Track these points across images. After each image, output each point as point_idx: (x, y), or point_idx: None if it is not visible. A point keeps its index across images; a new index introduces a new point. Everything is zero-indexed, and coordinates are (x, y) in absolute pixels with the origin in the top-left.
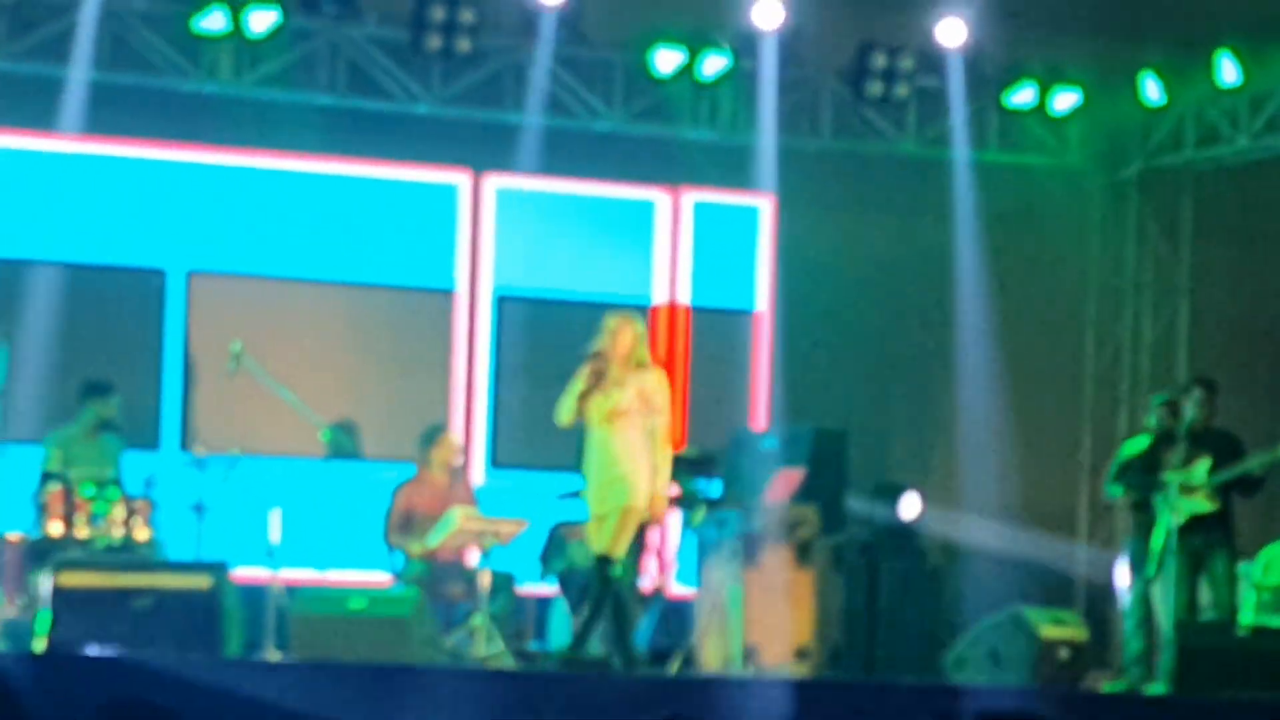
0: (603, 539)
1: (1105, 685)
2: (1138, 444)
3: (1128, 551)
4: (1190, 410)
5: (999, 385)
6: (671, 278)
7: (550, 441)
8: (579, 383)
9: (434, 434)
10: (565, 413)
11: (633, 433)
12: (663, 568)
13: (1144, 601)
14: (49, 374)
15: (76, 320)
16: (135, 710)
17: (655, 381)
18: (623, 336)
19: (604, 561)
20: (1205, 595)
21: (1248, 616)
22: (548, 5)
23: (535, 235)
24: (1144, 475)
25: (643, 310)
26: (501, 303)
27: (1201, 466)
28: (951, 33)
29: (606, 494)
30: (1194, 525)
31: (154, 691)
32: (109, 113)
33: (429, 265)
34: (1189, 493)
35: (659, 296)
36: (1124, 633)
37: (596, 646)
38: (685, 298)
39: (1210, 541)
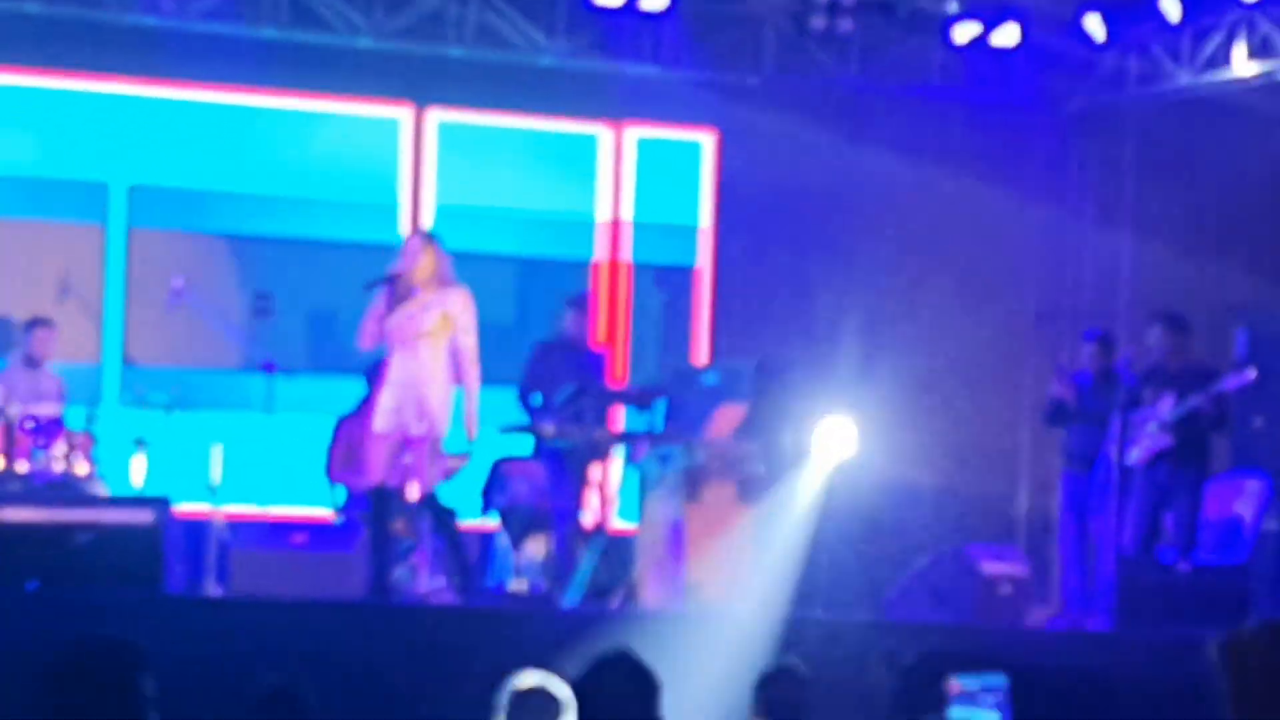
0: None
1: (1046, 621)
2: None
3: (1064, 487)
4: (1154, 346)
5: (942, 319)
6: (614, 212)
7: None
8: (378, 305)
9: (376, 369)
10: (366, 336)
11: (438, 354)
12: (604, 503)
13: (1081, 536)
14: None
15: (21, 251)
16: (96, 646)
17: (462, 301)
18: (423, 257)
19: (432, 498)
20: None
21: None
22: None
23: (478, 168)
24: (1084, 412)
25: (587, 239)
26: (442, 215)
27: (1166, 402)
28: None
29: (410, 420)
30: (1160, 460)
31: (98, 627)
32: (52, 46)
33: (372, 195)
34: (1149, 428)
35: (601, 229)
36: (1060, 568)
37: (539, 580)
38: (628, 230)
39: (1176, 478)
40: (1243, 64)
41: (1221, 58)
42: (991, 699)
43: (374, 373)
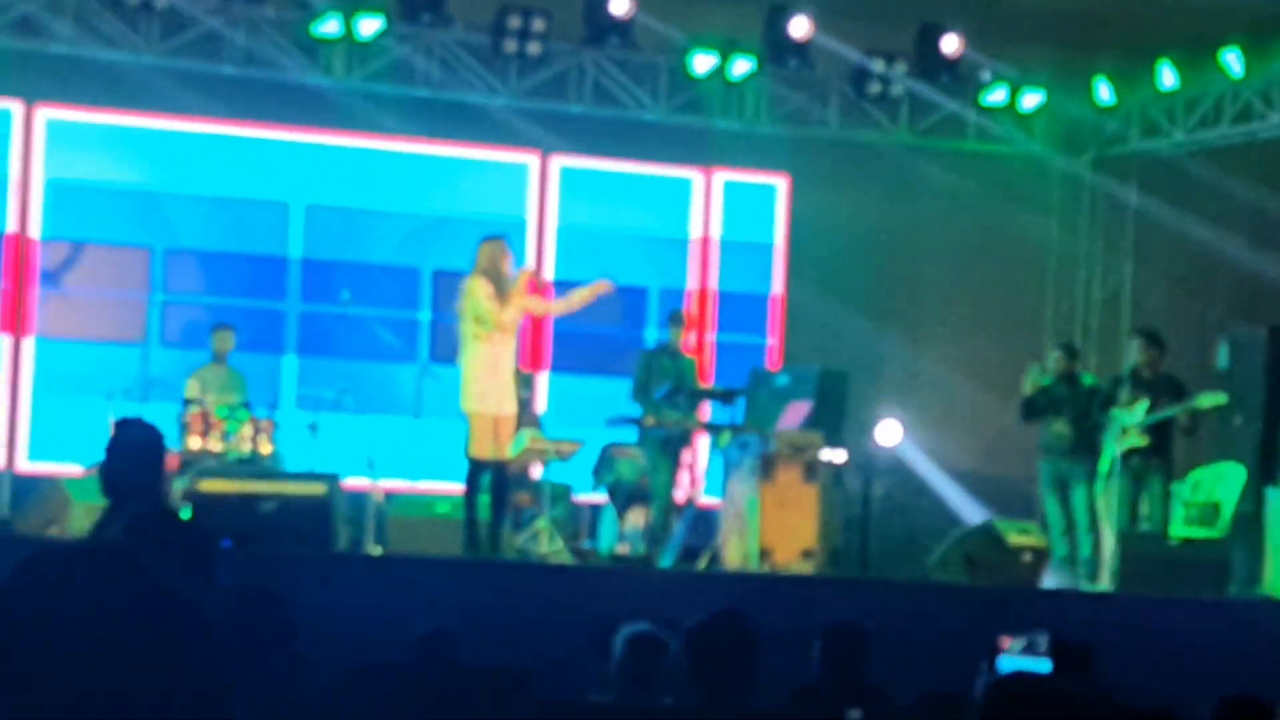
0: (505, 446)
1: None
2: (1043, 382)
3: (1042, 473)
4: (1132, 357)
5: (974, 335)
6: (704, 242)
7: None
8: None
9: None
10: (492, 317)
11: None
12: (694, 481)
13: (1064, 513)
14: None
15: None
16: (253, 593)
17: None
18: (510, 257)
19: (503, 467)
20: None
21: (1178, 529)
22: (615, 15)
23: (593, 203)
24: (1052, 409)
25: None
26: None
27: (1140, 407)
28: (944, 44)
29: (506, 402)
30: (1134, 453)
31: (274, 579)
32: (245, 102)
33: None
34: (1125, 430)
35: (694, 261)
36: (1050, 540)
37: (640, 545)
38: (716, 260)
39: (1148, 466)
40: (1227, 125)
41: (1210, 119)
42: (1039, 652)
43: None
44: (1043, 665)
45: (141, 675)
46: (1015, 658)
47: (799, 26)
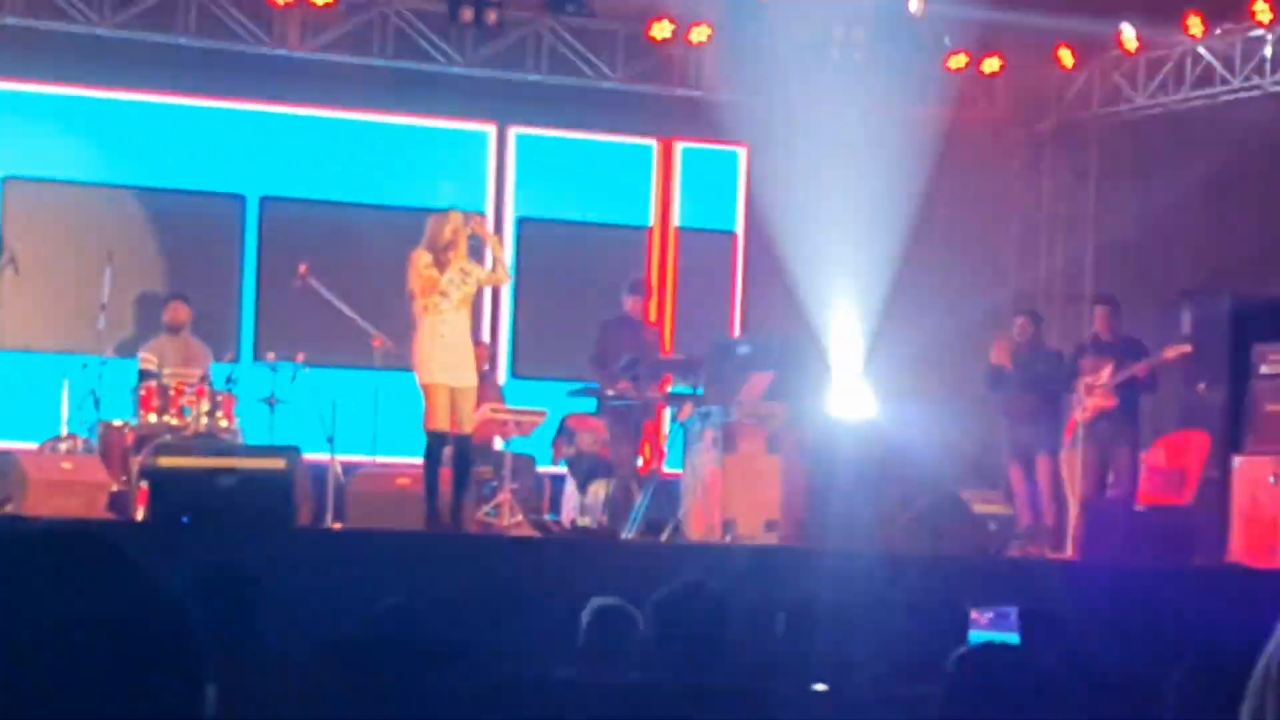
0: (466, 418)
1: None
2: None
3: (1007, 440)
4: (1093, 323)
5: (938, 301)
6: (664, 211)
7: (564, 352)
8: (436, 263)
9: None
10: (432, 284)
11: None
12: (655, 453)
13: (1029, 481)
14: (149, 285)
15: (171, 240)
16: (221, 575)
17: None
18: (463, 229)
19: (466, 440)
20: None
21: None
22: None
23: (551, 174)
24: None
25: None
26: (521, 225)
27: (1105, 370)
28: (906, 8)
29: (462, 373)
30: (1102, 418)
31: (235, 555)
32: (201, 73)
33: (463, 197)
34: (1093, 392)
35: (654, 224)
36: (1015, 509)
37: (601, 518)
38: (675, 228)
39: (1116, 434)
40: (1187, 89)
41: (1171, 84)
42: (1007, 625)
43: None
44: (1011, 636)
45: (107, 661)
46: (984, 629)
47: None
